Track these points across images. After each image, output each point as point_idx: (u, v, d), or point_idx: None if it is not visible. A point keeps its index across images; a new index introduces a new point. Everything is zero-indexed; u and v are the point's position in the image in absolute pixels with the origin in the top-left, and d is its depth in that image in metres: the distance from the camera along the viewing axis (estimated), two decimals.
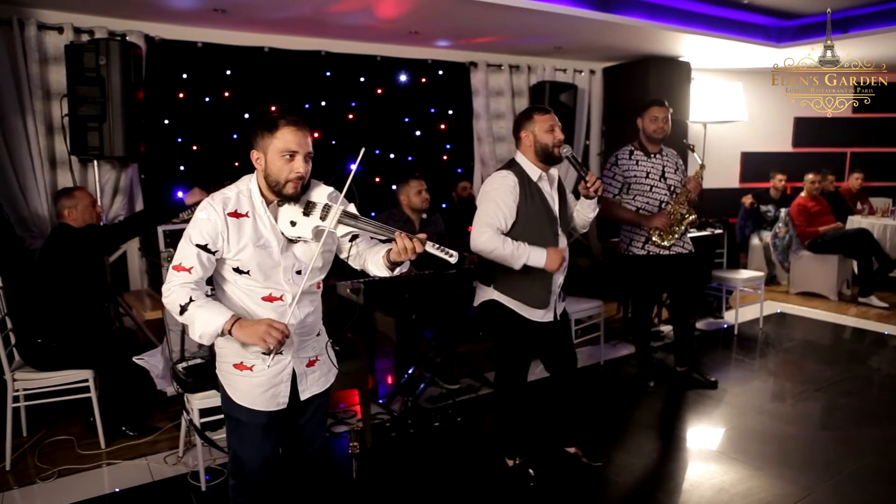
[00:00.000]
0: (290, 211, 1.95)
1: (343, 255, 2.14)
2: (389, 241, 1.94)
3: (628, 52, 6.24)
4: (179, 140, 4.96)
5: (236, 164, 5.02)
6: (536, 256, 2.70)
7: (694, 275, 4.12)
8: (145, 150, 4.31)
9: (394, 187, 4.73)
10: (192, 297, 1.84)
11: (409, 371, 4.00)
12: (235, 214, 1.90)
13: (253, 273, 1.93)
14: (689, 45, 6.02)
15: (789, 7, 5.66)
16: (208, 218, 1.87)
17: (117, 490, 2.99)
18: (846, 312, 6.01)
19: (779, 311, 6.12)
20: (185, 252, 1.88)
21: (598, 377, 4.46)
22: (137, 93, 4.10)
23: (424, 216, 4.17)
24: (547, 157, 2.80)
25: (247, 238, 1.91)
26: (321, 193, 1.99)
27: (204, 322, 1.83)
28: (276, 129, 1.89)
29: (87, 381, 3.33)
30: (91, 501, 2.89)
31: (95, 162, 4.23)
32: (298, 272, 1.99)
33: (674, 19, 5.38)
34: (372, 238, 2.10)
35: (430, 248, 1.89)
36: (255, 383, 1.99)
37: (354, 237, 2.05)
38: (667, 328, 5.45)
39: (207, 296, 1.91)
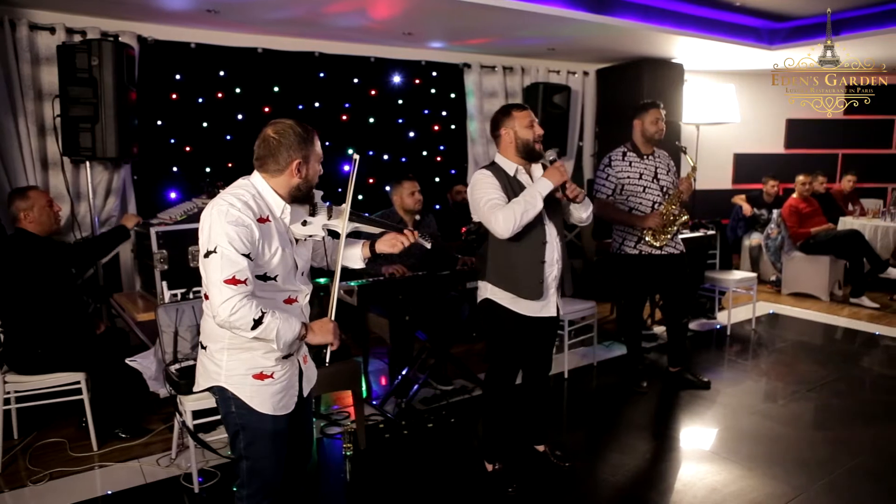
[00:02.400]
0: (299, 212, 2.03)
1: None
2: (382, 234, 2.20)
3: (621, 54, 6.26)
4: (172, 141, 4.94)
5: (230, 164, 5.00)
6: (542, 186, 2.69)
7: (685, 275, 4.14)
8: (138, 152, 4.30)
9: (387, 188, 4.73)
10: (262, 309, 1.82)
11: (403, 372, 4.00)
12: (261, 220, 1.90)
13: (279, 278, 1.95)
14: (682, 47, 6.05)
15: (781, 9, 5.70)
16: (245, 225, 1.83)
17: (109, 493, 2.97)
18: (838, 313, 6.04)
19: (771, 311, 6.15)
20: (236, 263, 1.80)
21: (591, 378, 4.47)
22: (130, 94, 4.09)
23: (418, 217, 4.17)
24: (528, 153, 2.80)
25: (276, 243, 1.93)
26: (316, 195, 2.10)
27: (285, 332, 1.86)
28: (313, 137, 1.99)
29: (78, 383, 3.31)
30: None
31: (88, 163, 4.21)
32: (303, 273, 2.08)
33: (666, 21, 5.40)
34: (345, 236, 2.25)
35: (417, 236, 2.24)
36: (278, 389, 2.01)
37: (323, 236, 2.20)
38: (660, 329, 5.47)
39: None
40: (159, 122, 4.87)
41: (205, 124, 5.03)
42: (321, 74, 5.44)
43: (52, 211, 3.41)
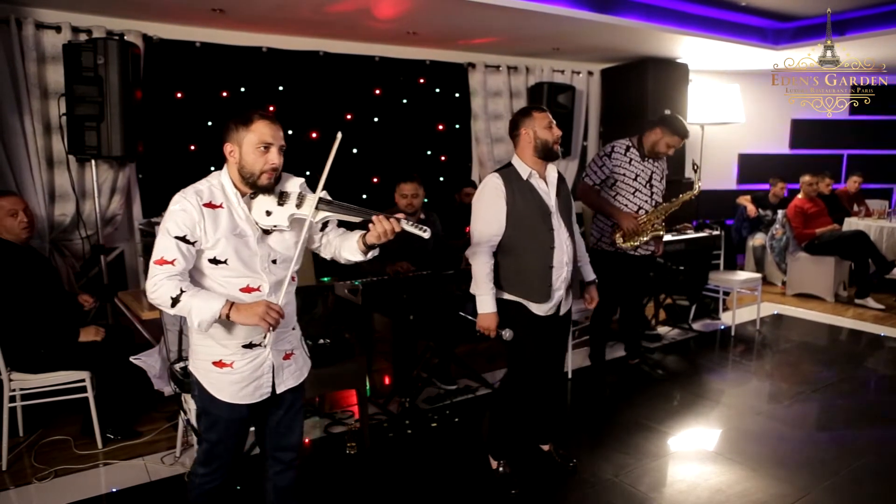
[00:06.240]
0: (265, 201, 2.01)
1: (314, 246, 2.24)
2: (365, 223, 2.04)
3: (626, 54, 6.25)
4: (177, 140, 4.95)
5: None
6: (481, 303, 2.83)
7: (648, 276, 4.32)
8: (143, 150, 4.31)
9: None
10: (181, 287, 1.85)
11: (407, 371, 3.99)
12: (210, 205, 1.94)
13: (231, 262, 1.97)
14: (687, 47, 6.04)
15: (786, 9, 5.68)
16: (183, 209, 1.90)
17: (114, 490, 2.98)
18: (843, 314, 6.03)
19: (776, 312, 6.14)
20: (166, 245, 1.89)
21: (594, 378, 4.46)
22: (135, 92, 4.10)
23: (422, 216, 4.15)
24: (546, 154, 2.83)
25: (223, 228, 1.95)
26: (294, 184, 2.07)
27: (200, 310, 1.85)
28: (250, 123, 1.96)
29: (83, 381, 3.32)
30: (88, 502, 2.89)
31: (93, 161, 4.22)
32: (274, 261, 2.05)
33: (671, 21, 5.39)
34: (340, 225, 2.21)
35: (406, 225, 2.01)
36: (236, 379, 2.04)
37: (324, 227, 2.16)
38: (664, 329, 5.46)
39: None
40: (164, 121, 4.88)
41: (209, 123, 5.04)
42: (326, 73, 5.44)
43: (16, 221, 3.28)
